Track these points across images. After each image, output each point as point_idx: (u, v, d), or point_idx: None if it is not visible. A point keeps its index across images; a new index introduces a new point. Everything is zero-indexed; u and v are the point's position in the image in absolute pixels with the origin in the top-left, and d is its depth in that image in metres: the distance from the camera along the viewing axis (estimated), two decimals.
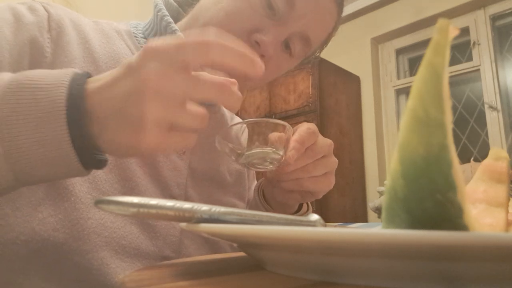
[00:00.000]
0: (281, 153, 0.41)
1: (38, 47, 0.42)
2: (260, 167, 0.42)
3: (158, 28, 0.53)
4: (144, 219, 0.45)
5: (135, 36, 0.54)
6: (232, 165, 0.60)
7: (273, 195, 0.53)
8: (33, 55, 0.42)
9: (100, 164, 0.32)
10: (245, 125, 0.73)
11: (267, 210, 0.54)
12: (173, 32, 0.51)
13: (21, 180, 0.29)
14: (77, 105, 0.28)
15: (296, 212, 0.56)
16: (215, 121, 0.59)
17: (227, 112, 0.67)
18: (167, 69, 0.27)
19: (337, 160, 0.48)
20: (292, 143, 0.42)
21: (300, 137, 0.43)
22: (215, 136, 0.59)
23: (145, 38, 0.55)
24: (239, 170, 0.61)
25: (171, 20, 0.52)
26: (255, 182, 0.72)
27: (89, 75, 0.31)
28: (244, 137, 0.68)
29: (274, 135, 0.41)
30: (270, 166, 0.42)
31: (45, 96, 0.28)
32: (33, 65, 0.42)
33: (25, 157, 0.27)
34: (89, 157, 0.30)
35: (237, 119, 0.72)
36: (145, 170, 0.47)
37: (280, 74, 0.57)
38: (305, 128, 0.44)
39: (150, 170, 0.47)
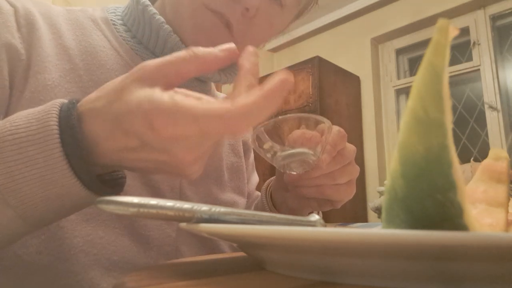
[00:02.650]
0: (318, 155, 0.37)
1: (13, 50, 0.38)
2: (294, 170, 0.39)
3: (136, 13, 0.47)
4: (137, 229, 0.42)
5: (114, 24, 0.49)
6: (228, 158, 0.57)
7: (286, 200, 0.49)
8: (10, 60, 0.38)
9: (117, 184, 0.30)
10: None
11: (270, 211, 0.52)
12: (152, 16, 0.46)
13: (33, 227, 0.27)
14: (77, 145, 0.25)
15: None
16: None
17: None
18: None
19: (359, 168, 0.45)
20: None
21: (333, 140, 0.40)
22: None
23: (124, 24, 0.49)
24: (236, 163, 0.58)
25: (148, 3, 0.47)
26: (255, 174, 0.68)
27: (76, 101, 0.27)
28: None
29: (316, 134, 0.37)
30: (301, 169, 0.39)
31: (38, 152, 0.25)
32: (12, 71, 0.38)
33: (35, 214, 0.26)
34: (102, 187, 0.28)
35: None
36: (135, 176, 0.43)
37: (275, 32, 0.51)
38: (336, 130, 0.40)
39: (141, 175, 0.44)
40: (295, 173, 0.40)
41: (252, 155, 0.68)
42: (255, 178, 0.68)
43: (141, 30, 0.48)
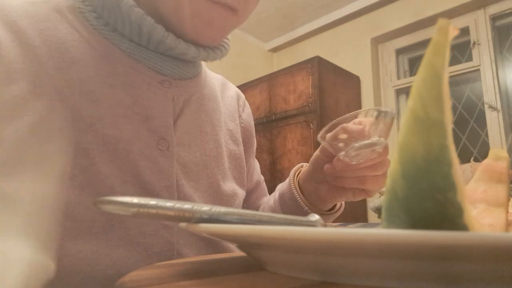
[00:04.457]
0: (384, 144, 0.40)
1: None
2: (361, 160, 0.42)
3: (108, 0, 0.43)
4: (133, 238, 0.39)
5: (82, 12, 0.44)
6: (227, 146, 0.54)
7: (318, 191, 0.51)
8: None
9: None
10: (243, 97, 0.65)
11: (306, 206, 0.52)
12: (125, 3, 0.41)
13: None
14: None
15: (331, 209, 0.55)
16: (201, 98, 0.51)
17: (217, 83, 0.58)
18: None
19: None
20: None
21: None
22: (201, 115, 0.51)
23: (94, 11, 0.44)
24: (234, 151, 0.55)
25: None
26: (257, 164, 0.66)
27: None
28: (247, 113, 0.63)
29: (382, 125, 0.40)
30: (365, 158, 0.42)
31: None
32: None
33: None
34: None
35: (231, 86, 0.63)
36: (124, 180, 0.40)
37: None
38: None
39: (131, 178, 0.40)
40: (355, 162, 0.43)
41: (255, 142, 0.66)
42: (258, 164, 0.67)
43: (112, 16, 0.43)
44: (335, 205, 0.55)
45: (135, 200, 0.21)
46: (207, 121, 0.51)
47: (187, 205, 0.22)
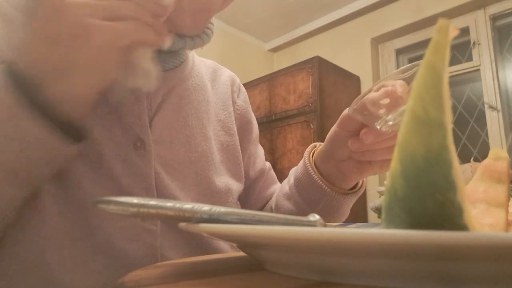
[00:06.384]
0: None
1: None
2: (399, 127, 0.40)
3: None
4: (115, 244, 0.38)
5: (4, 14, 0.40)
6: (218, 137, 0.51)
7: (341, 169, 0.48)
8: None
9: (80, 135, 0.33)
10: (238, 81, 0.60)
11: (327, 187, 0.49)
12: None
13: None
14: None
15: (352, 188, 0.52)
16: (185, 89, 0.49)
17: (207, 71, 0.55)
18: None
19: None
20: None
21: None
22: (185, 108, 0.48)
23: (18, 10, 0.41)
24: (227, 142, 0.52)
25: None
26: (260, 150, 0.62)
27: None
28: (243, 98, 0.58)
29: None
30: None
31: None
32: None
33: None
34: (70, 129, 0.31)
35: (224, 71, 0.59)
36: (101, 183, 0.38)
37: None
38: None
39: (107, 181, 0.39)
40: (391, 130, 0.39)
41: (255, 128, 0.61)
42: (262, 151, 0.63)
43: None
44: (356, 184, 0.52)
45: (135, 200, 0.21)
46: (192, 113, 0.49)
47: (187, 205, 0.22)
